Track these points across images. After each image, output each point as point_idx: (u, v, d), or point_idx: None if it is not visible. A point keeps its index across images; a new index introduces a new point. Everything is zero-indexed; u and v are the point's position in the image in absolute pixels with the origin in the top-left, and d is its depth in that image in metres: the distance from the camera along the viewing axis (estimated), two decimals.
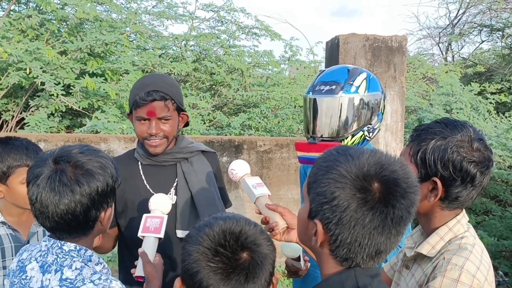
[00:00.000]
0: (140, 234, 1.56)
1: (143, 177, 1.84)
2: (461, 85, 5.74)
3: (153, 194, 1.72)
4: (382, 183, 0.92)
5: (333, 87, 1.82)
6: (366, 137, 1.85)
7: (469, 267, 1.18)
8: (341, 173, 0.93)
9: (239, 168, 1.68)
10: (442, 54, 10.18)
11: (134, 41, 6.06)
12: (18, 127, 5.31)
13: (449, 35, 10.00)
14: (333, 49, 3.45)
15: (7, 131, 5.08)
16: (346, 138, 1.82)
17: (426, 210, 1.30)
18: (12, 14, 5.27)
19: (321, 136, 1.84)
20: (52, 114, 4.94)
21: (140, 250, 1.51)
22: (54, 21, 5.34)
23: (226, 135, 5.79)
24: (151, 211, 1.61)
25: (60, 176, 1.21)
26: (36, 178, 1.24)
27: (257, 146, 3.59)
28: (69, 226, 1.25)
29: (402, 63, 3.33)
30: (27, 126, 4.84)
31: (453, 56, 10.18)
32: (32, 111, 5.09)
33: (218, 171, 1.97)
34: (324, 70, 1.93)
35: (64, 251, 1.27)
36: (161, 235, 1.54)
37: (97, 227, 1.31)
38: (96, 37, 4.78)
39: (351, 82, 1.81)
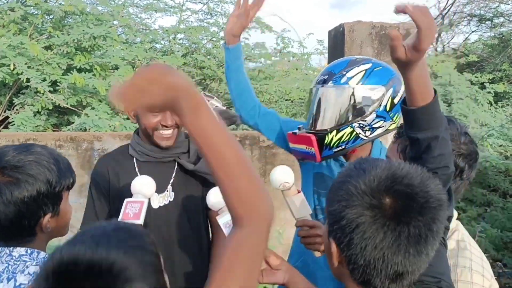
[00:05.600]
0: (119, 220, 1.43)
1: (137, 172, 1.72)
2: (459, 75, 5.66)
3: None
4: (394, 198, 0.83)
5: (326, 77, 1.67)
6: (360, 135, 1.63)
7: (476, 267, 1.25)
8: (349, 191, 0.85)
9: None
10: (432, 45, 10.13)
11: (122, 35, 5.84)
12: (2, 126, 5.07)
13: (439, 25, 9.94)
14: (337, 38, 3.30)
15: None
16: (330, 133, 1.64)
17: None
18: None
19: (310, 128, 1.68)
20: (38, 112, 4.72)
21: None
22: (37, 15, 5.09)
23: None
24: (133, 195, 1.48)
25: None
26: None
27: (260, 141, 3.43)
28: (4, 233, 1.20)
29: None
30: (12, 125, 4.61)
31: (443, 47, 10.14)
32: (17, 109, 4.85)
33: None
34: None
35: (14, 257, 1.20)
36: (141, 221, 1.41)
37: (44, 233, 1.23)
38: (83, 30, 4.56)
39: (344, 73, 1.64)
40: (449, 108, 5.19)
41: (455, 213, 1.35)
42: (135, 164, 1.74)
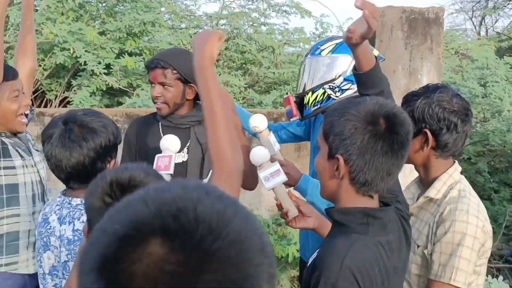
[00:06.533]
0: None
1: (161, 135, 2.03)
2: (496, 59, 5.69)
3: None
4: (385, 117, 1.15)
5: (310, 51, 2.09)
6: (332, 96, 1.99)
7: (472, 211, 1.47)
8: (353, 114, 1.15)
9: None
10: (475, 28, 9.99)
11: (168, 21, 6.19)
12: (61, 105, 5.54)
13: (483, 8, 9.78)
14: None
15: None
16: (307, 94, 2.01)
17: (424, 160, 1.57)
18: None
19: (297, 92, 2.09)
20: (94, 93, 5.15)
21: None
22: (92, 3, 5.51)
23: None
24: (162, 151, 1.73)
25: (69, 134, 1.42)
26: (49, 137, 1.44)
27: None
28: (80, 176, 1.45)
29: (438, 34, 3.36)
30: (71, 105, 5.06)
31: (486, 31, 9.97)
32: (74, 90, 5.30)
33: None
34: None
35: (72, 205, 1.46)
36: (171, 171, 1.66)
37: None
38: (134, 17, 4.93)
39: (320, 46, 2.04)
40: (485, 90, 5.26)
41: (459, 167, 1.60)
42: (160, 127, 2.08)
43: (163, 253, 0.45)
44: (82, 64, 4.79)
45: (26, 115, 1.90)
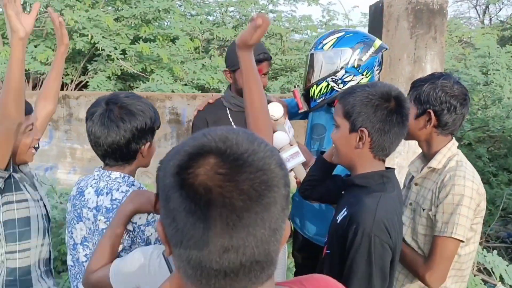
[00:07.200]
0: None
1: (230, 120, 2.24)
2: (498, 47, 5.85)
3: None
4: (394, 96, 1.42)
5: (313, 46, 2.19)
6: (335, 88, 2.11)
7: (468, 176, 1.72)
8: (373, 94, 1.42)
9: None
10: (479, 17, 10.10)
11: (181, 8, 6.36)
12: (77, 89, 5.75)
13: None
14: (377, 13, 3.68)
15: None
16: (312, 88, 2.13)
17: (426, 136, 1.80)
18: None
19: (303, 85, 2.22)
20: (109, 77, 5.35)
21: None
22: None
23: None
24: None
25: (109, 114, 1.50)
26: (91, 115, 1.53)
27: None
28: (115, 154, 1.52)
29: (442, 24, 3.54)
30: (87, 88, 5.28)
31: (490, 19, 10.08)
32: (90, 75, 5.50)
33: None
34: None
35: (111, 178, 1.54)
36: None
37: (138, 159, 1.57)
38: (149, 4, 5.11)
39: (322, 41, 2.15)
40: (486, 78, 5.44)
41: (456, 143, 1.83)
42: (228, 113, 2.25)
43: (216, 161, 0.68)
44: (100, 49, 4.98)
45: (35, 148, 1.96)
